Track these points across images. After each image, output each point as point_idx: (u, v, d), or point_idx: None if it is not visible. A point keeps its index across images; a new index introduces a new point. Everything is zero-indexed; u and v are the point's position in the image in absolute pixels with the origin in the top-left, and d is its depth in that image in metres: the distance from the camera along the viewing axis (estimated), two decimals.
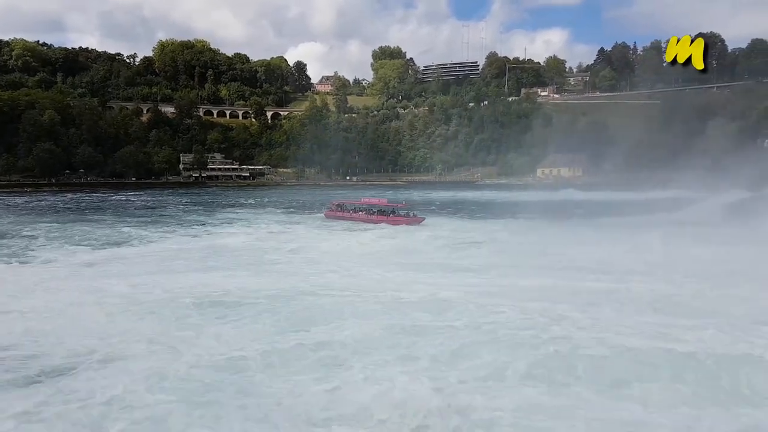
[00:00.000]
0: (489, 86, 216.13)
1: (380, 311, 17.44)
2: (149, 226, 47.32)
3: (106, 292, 20.33)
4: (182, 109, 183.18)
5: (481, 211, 66.48)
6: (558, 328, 15.22)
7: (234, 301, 18.74)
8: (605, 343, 13.89)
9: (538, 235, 40.37)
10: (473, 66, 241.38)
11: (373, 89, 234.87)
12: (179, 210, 70.61)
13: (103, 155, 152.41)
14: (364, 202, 54.85)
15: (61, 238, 38.23)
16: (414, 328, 15.60)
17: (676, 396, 11.18)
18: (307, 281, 22.26)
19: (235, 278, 22.92)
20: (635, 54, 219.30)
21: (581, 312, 16.84)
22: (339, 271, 25.23)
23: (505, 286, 21.35)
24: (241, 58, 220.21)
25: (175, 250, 33.66)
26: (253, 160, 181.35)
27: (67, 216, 59.02)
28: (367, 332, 15.18)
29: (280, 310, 17.53)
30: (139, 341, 14.55)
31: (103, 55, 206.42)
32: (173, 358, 13.22)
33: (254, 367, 12.76)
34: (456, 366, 12.71)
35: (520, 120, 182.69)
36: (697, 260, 27.21)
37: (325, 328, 15.59)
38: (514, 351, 13.55)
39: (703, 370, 12.29)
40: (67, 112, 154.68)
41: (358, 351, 13.76)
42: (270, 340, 14.46)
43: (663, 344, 13.66)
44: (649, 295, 19.64)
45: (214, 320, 16.64)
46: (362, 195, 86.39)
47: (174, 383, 11.81)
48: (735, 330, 14.83)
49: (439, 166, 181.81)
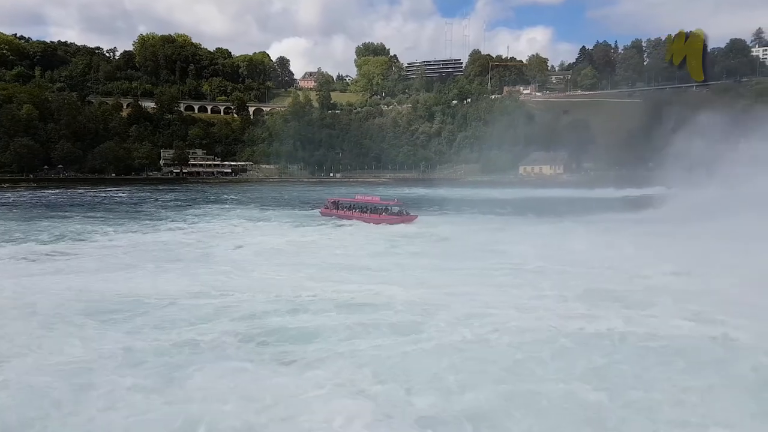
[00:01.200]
0: (472, 84, 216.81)
1: (227, 313, 17.82)
2: (111, 222, 47.93)
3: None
4: (163, 104, 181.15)
5: (466, 207, 66.98)
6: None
7: (104, 305, 18.84)
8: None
9: (506, 232, 41.17)
10: (456, 63, 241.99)
11: (356, 86, 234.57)
12: (150, 207, 70.53)
13: (82, 151, 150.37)
14: (359, 200, 53.22)
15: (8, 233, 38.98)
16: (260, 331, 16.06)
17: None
18: (198, 281, 22.71)
19: (134, 279, 23.13)
20: (616, 53, 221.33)
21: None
22: (238, 271, 25.44)
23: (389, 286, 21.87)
24: (223, 53, 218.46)
25: (111, 247, 33.68)
26: (235, 156, 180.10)
27: (32, 212, 58.84)
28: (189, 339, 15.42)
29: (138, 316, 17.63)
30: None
31: (82, 49, 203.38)
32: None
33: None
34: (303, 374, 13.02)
35: (502, 118, 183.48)
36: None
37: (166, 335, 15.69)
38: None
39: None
40: (46, 107, 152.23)
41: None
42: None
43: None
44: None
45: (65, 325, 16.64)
46: (346, 192, 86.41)
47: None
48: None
49: (422, 164, 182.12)
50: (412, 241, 36.40)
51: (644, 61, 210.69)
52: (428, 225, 44.20)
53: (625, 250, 29.75)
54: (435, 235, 39.19)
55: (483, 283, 22.20)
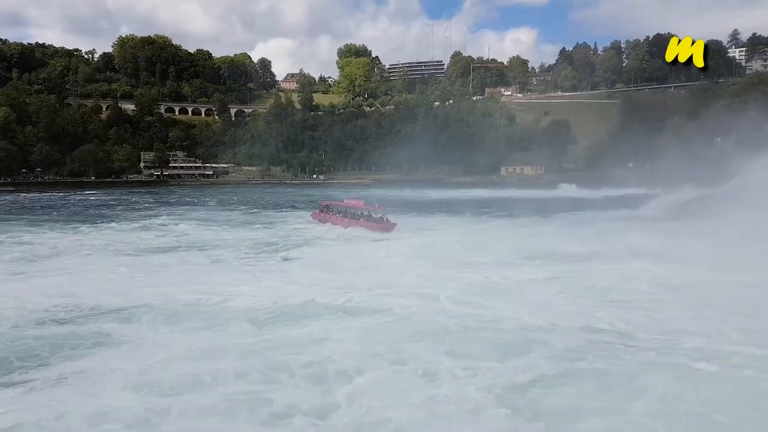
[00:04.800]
0: (454, 85, 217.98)
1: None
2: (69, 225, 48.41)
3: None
4: (143, 106, 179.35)
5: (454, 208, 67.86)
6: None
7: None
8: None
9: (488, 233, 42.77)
10: (438, 65, 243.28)
11: (339, 87, 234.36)
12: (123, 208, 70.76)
13: (61, 154, 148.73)
14: (346, 204, 49.89)
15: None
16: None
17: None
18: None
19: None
20: (596, 54, 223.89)
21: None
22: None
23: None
24: (204, 54, 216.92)
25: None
26: (217, 158, 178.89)
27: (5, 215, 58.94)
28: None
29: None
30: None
31: (60, 51, 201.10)
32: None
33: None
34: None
35: (484, 119, 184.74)
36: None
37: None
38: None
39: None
40: (23, 110, 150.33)
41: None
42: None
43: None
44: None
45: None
46: (331, 194, 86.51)
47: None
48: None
49: (405, 165, 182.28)
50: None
51: (623, 62, 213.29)
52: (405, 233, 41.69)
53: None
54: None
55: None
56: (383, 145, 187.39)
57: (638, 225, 43.03)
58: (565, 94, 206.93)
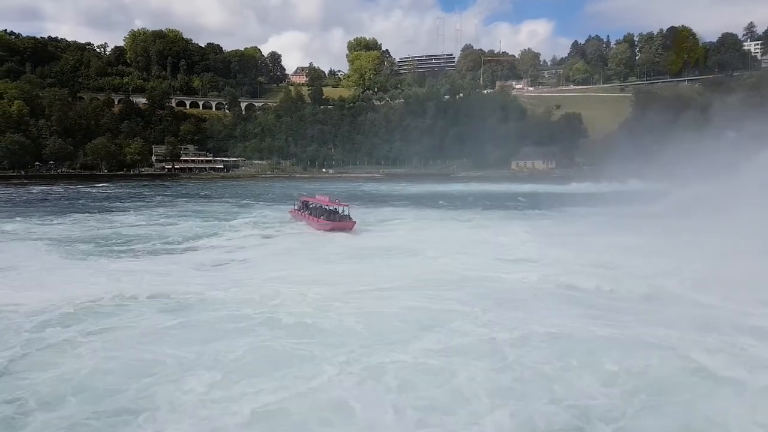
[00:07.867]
0: (464, 79, 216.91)
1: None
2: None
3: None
4: (154, 100, 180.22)
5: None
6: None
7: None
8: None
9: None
10: (449, 58, 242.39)
11: (348, 81, 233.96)
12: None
13: (73, 147, 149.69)
14: (318, 200, 44.71)
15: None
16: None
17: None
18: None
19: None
20: (608, 48, 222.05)
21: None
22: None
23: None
24: (214, 48, 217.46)
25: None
26: (227, 152, 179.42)
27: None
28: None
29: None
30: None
31: (73, 45, 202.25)
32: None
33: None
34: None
35: (494, 113, 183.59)
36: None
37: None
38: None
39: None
40: (37, 103, 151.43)
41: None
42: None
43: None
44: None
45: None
46: (339, 188, 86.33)
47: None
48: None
49: (414, 159, 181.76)
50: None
51: (636, 56, 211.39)
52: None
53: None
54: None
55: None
56: (393, 139, 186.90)
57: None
58: (576, 88, 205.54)
